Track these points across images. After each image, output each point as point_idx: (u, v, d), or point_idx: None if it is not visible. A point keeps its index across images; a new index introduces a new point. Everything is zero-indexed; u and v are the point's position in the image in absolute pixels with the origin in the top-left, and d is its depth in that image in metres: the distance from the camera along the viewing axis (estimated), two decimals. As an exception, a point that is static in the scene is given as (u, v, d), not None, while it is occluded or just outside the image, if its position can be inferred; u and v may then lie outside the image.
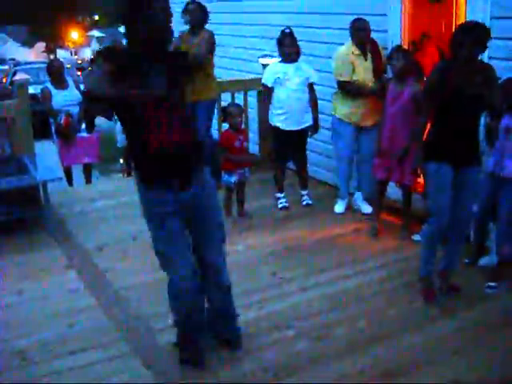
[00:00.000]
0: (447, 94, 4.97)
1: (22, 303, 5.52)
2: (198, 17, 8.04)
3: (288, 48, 7.24)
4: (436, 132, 5.16)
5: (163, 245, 4.25)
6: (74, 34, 56.33)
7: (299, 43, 7.35)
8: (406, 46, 7.03)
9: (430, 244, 5.29)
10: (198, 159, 4.24)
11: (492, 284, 5.49)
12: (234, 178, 7.15)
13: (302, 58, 7.42)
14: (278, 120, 7.35)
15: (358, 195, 7.49)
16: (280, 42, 7.30)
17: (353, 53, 6.99)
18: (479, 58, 5.06)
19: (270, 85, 7.36)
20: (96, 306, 5.37)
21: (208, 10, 8.14)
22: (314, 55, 7.89)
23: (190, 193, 4.16)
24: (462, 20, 6.65)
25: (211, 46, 8.05)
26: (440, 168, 5.06)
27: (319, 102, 7.49)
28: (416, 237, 6.25)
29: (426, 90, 5.38)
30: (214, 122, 8.53)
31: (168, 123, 3.94)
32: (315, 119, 7.44)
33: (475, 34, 4.85)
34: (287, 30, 7.28)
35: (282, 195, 7.69)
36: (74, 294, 5.58)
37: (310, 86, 7.35)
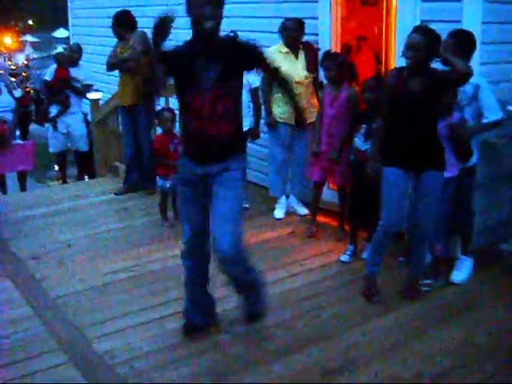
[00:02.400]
0: (395, 100, 5.08)
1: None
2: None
3: None
4: (388, 136, 5.22)
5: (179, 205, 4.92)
6: (7, 40, 55.50)
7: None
8: (337, 49, 7.11)
9: (375, 244, 5.37)
10: (233, 148, 4.39)
11: (427, 281, 5.59)
12: (169, 183, 7.12)
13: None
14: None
15: (293, 197, 7.52)
16: None
17: (280, 51, 7.02)
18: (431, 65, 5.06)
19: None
20: (32, 315, 5.28)
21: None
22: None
23: (215, 168, 4.32)
24: (392, 24, 6.75)
25: (146, 45, 8.04)
26: (391, 172, 5.14)
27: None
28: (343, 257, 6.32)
29: (381, 94, 5.44)
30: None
31: (208, 112, 4.17)
32: (256, 124, 7.46)
33: (409, 36, 4.91)
34: (231, 34, 7.26)
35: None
36: (8, 303, 5.50)
37: (252, 91, 7.33)
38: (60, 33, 34.11)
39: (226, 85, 4.22)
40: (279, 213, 7.42)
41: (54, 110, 10.45)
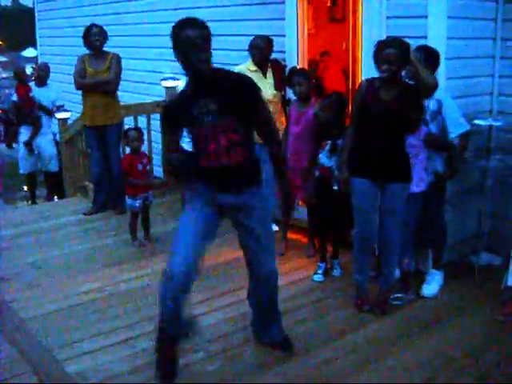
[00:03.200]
0: (366, 110, 5.16)
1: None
2: (101, 40, 8.04)
3: None
4: (357, 146, 5.29)
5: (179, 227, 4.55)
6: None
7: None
8: (305, 66, 7.14)
9: (356, 253, 5.51)
10: (249, 177, 4.45)
11: (398, 295, 5.61)
12: (137, 202, 7.10)
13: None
14: (186, 141, 7.32)
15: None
16: None
17: (248, 69, 7.01)
18: (402, 77, 5.19)
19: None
20: (1, 338, 5.21)
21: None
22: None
23: (231, 197, 4.40)
24: (359, 40, 6.80)
25: (121, 69, 8.09)
26: (360, 182, 5.25)
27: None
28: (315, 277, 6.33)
29: (352, 106, 5.55)
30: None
31: (216, 146, 4.26)
32: None
33: (389, 48, 4.96)
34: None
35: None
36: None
37: None
38: (29, 52, 34.14)
39: (228, 118, 4.26)
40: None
41: (24, 131, 10.41)
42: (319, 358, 4.76)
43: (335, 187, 5.93)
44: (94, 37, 8.03)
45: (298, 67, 6.93)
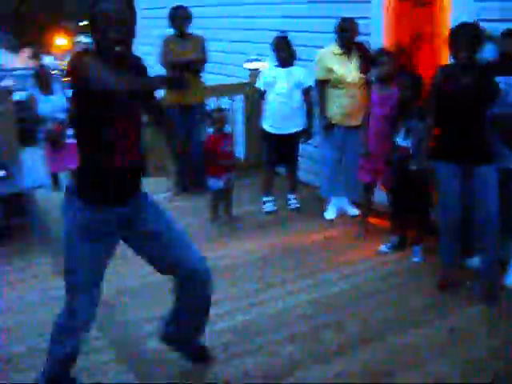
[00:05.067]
0: (445, 96, 5.13)
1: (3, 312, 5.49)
2: (185, 22, 8.08)
3: (281, 52, 7.26)
4: (439, 132, 5.30)
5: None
6: (61, 40, 56.09)
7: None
8: (390, 49, 7.05)
9: (443, 236, 5.47)
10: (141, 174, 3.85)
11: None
12: (220, 183, 7.13)
13: (301, 63, 7.45)
14: (266, 123, 7.37)
15: (345, 198, 7.48)
16: (274, 46, 7.31)
17: (333, 53, 7.00)
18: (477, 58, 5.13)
19: (261, 88, 7.40)
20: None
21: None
22: (306, 60, 7.77)
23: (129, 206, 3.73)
24: (447, 24, 6.67)
25: (206, 50, 8.19)
26: (444, 166, 5.24)
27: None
28: (382, 248, 6.35)
29: (430, 91, 5.47)
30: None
31: (128, 140, 3.60)
32: (308, 125, 7.45)
33: (462, 34, 4.95)
34: (281, 34, 7.28)
35: (269, 199, 7.69)
36: (59, 301, 5.52)
37: (305, 91, 7.33)
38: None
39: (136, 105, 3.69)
40: (330, 213, 7.38)
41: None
42: (394, 344, 4.70)
43: (413, 167, 5.86)
44: (180, 19, 8.08)
45: (385, 48, 6.84)
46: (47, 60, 55.07)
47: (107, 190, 3.60)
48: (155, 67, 8.50)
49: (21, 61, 64.58)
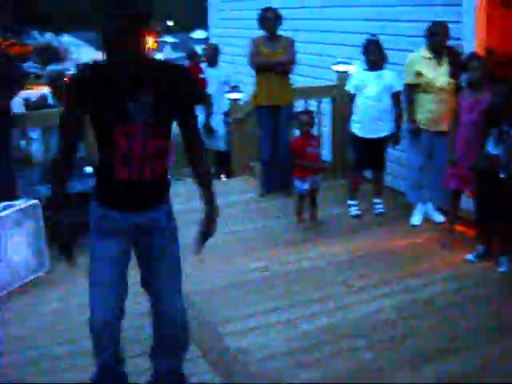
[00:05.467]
0: None
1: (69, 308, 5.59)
2: (276, 24, 8.13)
3: (371, 55, 7.22)
4: None
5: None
6: (147, 40, 57.09)
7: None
8: (481, 53, 6.94)
9: None
10: (162, 192, 3.75)
11: None
12: (306, 185, 7.13)
13: (390, 66, 7.40)
14: (355, 127, 7.35)
15: (430, 204, 7.40)
16: (364, 49, 7.28)
17: (423, 57, 6.93)
18: None
19: (351, 91, 7.38)
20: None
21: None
22: (395, 63, 7.64)
23: (144, 216, 3.64)
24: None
25: (295, 52, 8.23)
26: None
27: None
28: (469, 257, 6.23)
29: None
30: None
31: (142, 153, 3.44)
32: (397, 130, 7.39)
33: None
34: (372, 38, 7.24)
35: (355, 203, 7.65)
36: (141, 296, 5.59)
37: (394, 95, 7.28)
38: (198, 34, 34.69)
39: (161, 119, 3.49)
40: (416, 219, 7.30)
41: (198, 112, 10.67)
42: (478, 356, 4.60)
43: (502, 175, 5.75)
44: (270, 20, 8.12)
45: (474, 53, 6.73)
46: (134, 59, 55.66)
47: (112, 198, 3.59)
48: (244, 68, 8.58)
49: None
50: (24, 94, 8.22)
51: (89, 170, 7.05)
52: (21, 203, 6.04)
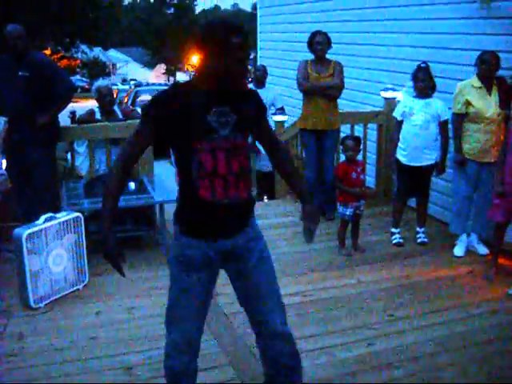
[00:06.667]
0: None
1: (131, 320, 5.61)
2: (326, 47, 8.13)
3: (420, 83, 7.17)
4: None
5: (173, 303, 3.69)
6: (194, 58, 57.51)
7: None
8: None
9: None
10: (249, 214, 3.65)
11: None
12: (349, 211, 7.08)
13: (438, 94, 7.34)
14: (401, 154, 7.30)
15: (474, 236, 7.29)
16: (414, 76, 7.23)
17: (472, 86, 6.86)
18: None
19: (398, 118, 7.34)
20: (205, 328, 5.34)
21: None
22: (443, 91, 7.63)
23: (234, 240, 3.55)
24: None
25: (343, 76, 8.21)
26: None
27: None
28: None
29: None
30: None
31: (227, 173, 3.39)
32: (442, 159, 7.32)
33: None
34: (423, 65, 7.19)
35: (398, 231, 7.58)
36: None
37: (442, 124, 7.21)
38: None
39: (242, 137, 3.47)
40: (459, 250, 7.20)
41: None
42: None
43: None
44: (318, 44, 8.12)
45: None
46: (180, 76, 56.39)
47: (194, 223, 3.49)
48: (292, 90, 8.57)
49: (155, 76, 66.49)
50: (70, 107, 8.27)
51: (132, 186, 7.10)
52: (63, 216, 6.08)
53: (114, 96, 9.31)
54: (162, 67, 73.52)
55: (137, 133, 3.44)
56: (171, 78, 67.69)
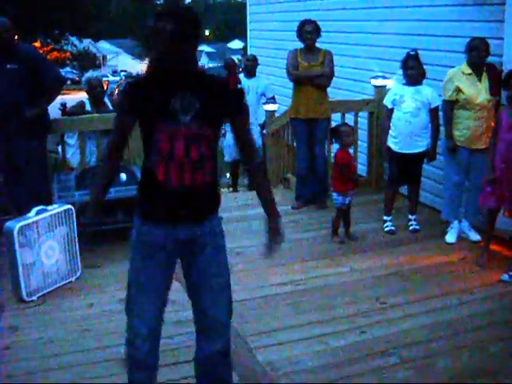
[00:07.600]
0: None
1: (124, 312, 5.59)
2: (315, 36, 8.13)
3: (410, 70, 7.17)
4: None
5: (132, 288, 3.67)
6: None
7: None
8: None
9: None
10: (210, 204, 3.61)
11: None
12: (347, 200, 7.10)
13: (428, 81, 7.35)
14: (392, 141, 7.30)
15: (466, 222, 7.31)
16: (403, 64, 7.23)
17: (463, 72, 6.85)
18: None
19: (389, 106, 7.34)
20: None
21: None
22: (433, 79, 7.59)
23: (190, 230, 3.51)
24: None
25: (333, 65, 8.22)
26: None
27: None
28: (504, 277, 6.13)
29: None
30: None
31: (183, 159, 3.35)
32: (433, 146, 7.32)
33: None
34: (412, 52, 7.19)
35: (389, 218, 7.59)
36: (174, 305, 5.58)
37: (432, 111, 7.21)
38: (235, 44, 34.96)
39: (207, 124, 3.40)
40: (451, 237, 7.21)
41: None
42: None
43: None
44: (308, 33, 8.10)
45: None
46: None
47: (153, 207, 3.48)
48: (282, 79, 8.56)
49: (143, 68, 66.47)
50: (60, 99, 8.24)
51: (123, 177, 7.07)
52: (55, 208, 6.06)
53: (105, 87, 9.28)
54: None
55: (115, 120, 3.55)
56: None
